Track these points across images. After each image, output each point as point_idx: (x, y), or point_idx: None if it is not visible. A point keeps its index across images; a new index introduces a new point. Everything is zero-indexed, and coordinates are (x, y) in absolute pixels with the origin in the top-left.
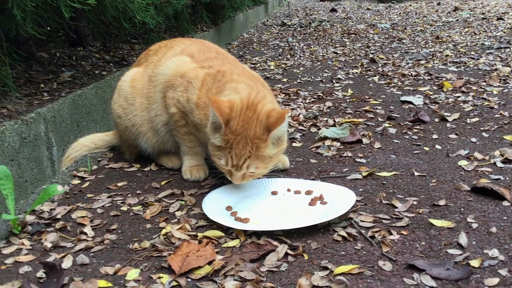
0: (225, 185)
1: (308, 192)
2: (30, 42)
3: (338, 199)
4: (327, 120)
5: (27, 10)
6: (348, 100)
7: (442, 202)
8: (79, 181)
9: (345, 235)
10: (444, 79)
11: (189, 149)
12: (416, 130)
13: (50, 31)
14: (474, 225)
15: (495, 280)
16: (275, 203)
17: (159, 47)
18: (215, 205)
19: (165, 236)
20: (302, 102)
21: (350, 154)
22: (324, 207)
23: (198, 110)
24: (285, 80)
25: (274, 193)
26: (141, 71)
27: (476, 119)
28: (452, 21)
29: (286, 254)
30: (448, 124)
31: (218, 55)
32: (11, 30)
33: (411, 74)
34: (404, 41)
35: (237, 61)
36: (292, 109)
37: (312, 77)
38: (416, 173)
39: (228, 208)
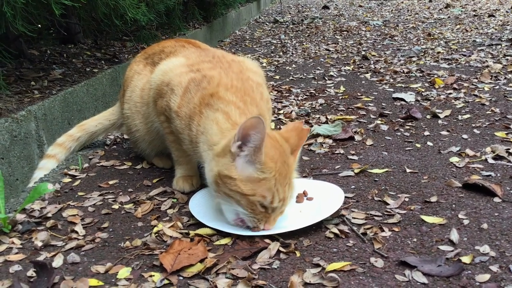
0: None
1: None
2: (21, 39)
3: (325, 195)
4: (319, 117)
5: (17, 7)
6: (340, 97)
7: (433, 199)
8: (70, 179)
9: (337, 232)
10: (435, 76)
11: (176, 158)
12: (408, 127)
13: (40, 29)
14: (466, 222)
15: (486, 276)
16: None
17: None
18: (204, 210)
19: (156, 234)
20: (294, 99)
21: (342, 151)
22: (314, 203)
23: (179, 120)
24: (277, 77)
25: None
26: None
27: (468, 115)
28: (443, 18)
29: (278, 251)
30: (439, 121)
31: (213, 58)
32: (1, 27)
33: (403, 71)
34: (396, 38)
35: (232, 64)
36: (284, 106)
37: (304, 74)
38: (408, 170)
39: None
